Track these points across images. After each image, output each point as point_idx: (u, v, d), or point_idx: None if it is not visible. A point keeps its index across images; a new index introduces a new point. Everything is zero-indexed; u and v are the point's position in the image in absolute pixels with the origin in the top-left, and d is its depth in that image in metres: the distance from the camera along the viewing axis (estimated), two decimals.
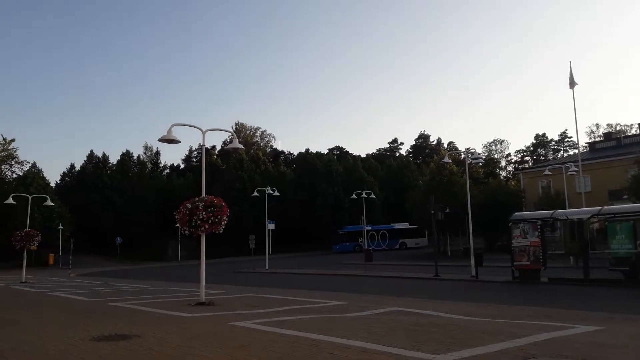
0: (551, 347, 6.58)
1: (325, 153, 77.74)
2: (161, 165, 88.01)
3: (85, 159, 71.57)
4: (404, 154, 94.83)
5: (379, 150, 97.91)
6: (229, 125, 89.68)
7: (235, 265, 41.09)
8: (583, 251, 19.16)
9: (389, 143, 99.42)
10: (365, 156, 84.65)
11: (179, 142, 13.55)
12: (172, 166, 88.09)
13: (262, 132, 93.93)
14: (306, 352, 6.40)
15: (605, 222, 19.44)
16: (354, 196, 38.60)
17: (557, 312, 10.87)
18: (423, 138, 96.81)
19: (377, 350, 6.46)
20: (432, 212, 24.38)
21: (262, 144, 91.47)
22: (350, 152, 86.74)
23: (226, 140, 78.30)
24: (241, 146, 15.19)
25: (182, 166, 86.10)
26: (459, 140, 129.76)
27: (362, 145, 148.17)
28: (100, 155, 70.56)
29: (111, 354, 6.57)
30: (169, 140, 13.33)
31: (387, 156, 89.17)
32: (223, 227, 12.91)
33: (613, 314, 10.55)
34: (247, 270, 34.06)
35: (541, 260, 19.34)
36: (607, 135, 58.77)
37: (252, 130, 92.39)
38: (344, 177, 65.41)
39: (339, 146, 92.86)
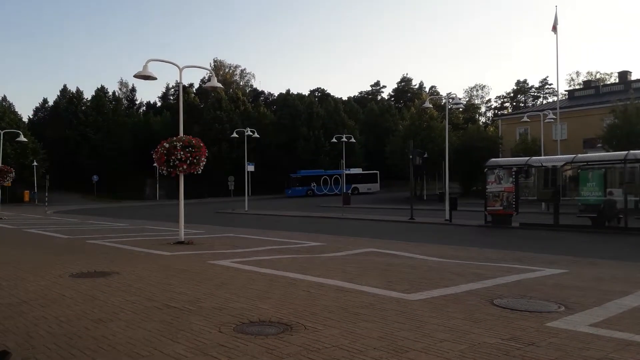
0: (518, 288, 6.91)
1: (307, 95, 76.72)
2: (137, 102, 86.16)
3: (59, 94, 69.51)
4: (386, 98, 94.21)
5: (360, 93, 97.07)
6: (208, 63, 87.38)
7: (215, 206, 41.31)
8: (554, 198, 19.73)
9: (371, 86, 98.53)
10: (347, 99, 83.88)
11: (155, 78, 13.20)
12: (148, 104, 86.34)
13: (242, 71, 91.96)
14: (283, 290, 6.60)
15: (578, 169, 19.94)
16: (334, 140, 38.54)
17: (526, 255, 11.32)
18: (405, 82, 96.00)
19: (351, 289, 6.70)
20: (411, 157, 24.62)
21: (241, 83, 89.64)
22: (331, 94, 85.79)
23: (204, 78, 76.58)
24: (220, 85, 14.88)
25: (159, 104, 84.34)
26: (441, 84, 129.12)
27: (344, 88, 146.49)
28: (74, 90, 68.44)
29: (91, 289, 6.67)
30: (145, 76, 12.96)
31: (368, 99, 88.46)
32: (202, 168, 12.86)
33: (578, 258, 11.03)
34: (227, 211, 34.31)
35: (514, 206, 19.89)
36: (587, 84, 59.01)
37: (232, 68, 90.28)
38: (325, 119, 64.97)
39: (320, 88, 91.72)
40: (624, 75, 50.08)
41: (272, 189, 60.22)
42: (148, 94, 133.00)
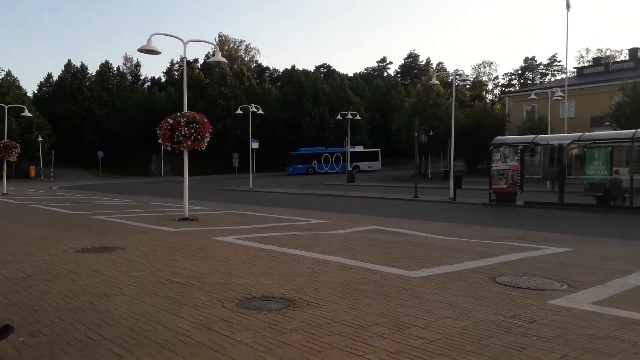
0: (521, 266, 6.91)
1: (312, 71, 75.98)
2: (142, 77, 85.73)
3: (63, 68, 69.09)
4: (392, 74, 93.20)
5: (367, 69, 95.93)
6: (212, 38, 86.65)
7: (219, 183, 41.41)
8: (560, 176, 19.61)
9: (378, 62, 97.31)
10: (352, 75, 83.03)
11: (159, 53, 13.10)
12: (153, 79, 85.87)
13: (247, 46, 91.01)
14: (286, 266, 6.63)
15: (584, 148, 19.77)
16: (339, 117, 38.31)
17: (530, 234, 11.31)
18: (412, 58, 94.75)
19: (354, 266, 6.72)
20: (416, 134, 24.45)
21: (246, 59, 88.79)
22: (337, 70, 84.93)
23: (209, 53, 75.90)
24: (224, 60, 14.74)
25: (163, 79, 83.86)
26: (449, 61, 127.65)
27: (350, 64, 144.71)
28: (78, 65, 68.08)
29: (95, 264, 6.73)
30: (148, 50, 12.85)
31: (375, 76, 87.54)
32: (206, 144, 12.83)
33: (583, 236, 11.01)
34: (231, 188, 34.39)
35: (518, 184, 19.81)
36: (596, 61, 58.03)
37: (236, 43, 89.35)
38: (330, 96, 64.49)
39: (326, 64, 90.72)
40: (634, 52, 49.17)
41: (276, 166, 60.20)
42: (152, 69, 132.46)
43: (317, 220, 13.67)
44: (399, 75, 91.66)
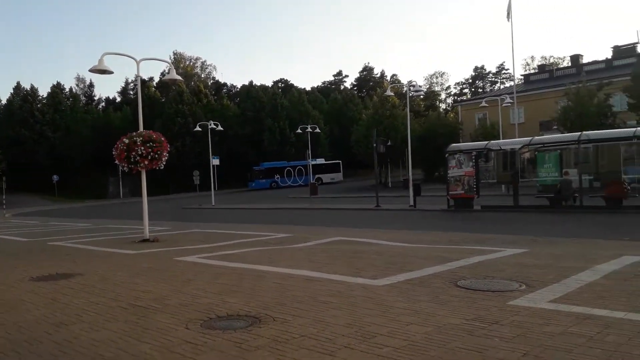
0: (481, 269, 7.10)
1: (270, 86, 76.11)
2: (96, 98, 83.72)
3: (12, 91, 66.68)
4: (349, 87, 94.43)
5: (324, 83, 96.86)
6: (167, 55, 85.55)
7: (180, 202, 40.71)
8: (513, 179, 20.31)
9: (334, 76, 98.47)
10: (310, 89, 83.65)
11: (111, 72, 12.86)
12: (107, 99, 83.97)
13: (203, 63, 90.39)
14: (251, 283, 6.58)
15: (535, 152, 20.56)
16: (299, 130, 38.49)
17: (488, 237, 11.63)
18: (367, 70, 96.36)
19: (319, 278, 6.74)
20: (375, 145, 24.83)
21: (202, 76, 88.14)
22: (295, 85, 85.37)
23: (164, 71, 74.95)
24: (179, 77, 14.62)
25: (118, 99, 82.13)
26: (402, 73, 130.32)
27: (308, 78, 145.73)
28: (28, 87, 65.81)
29: (52, 292, 6.48)
30: (101, 70, 12.60)
31: (332, 89, 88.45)
32: (164, 163, 12.63)
33: (537, 237, 11.41)
34: (193, 207, 33.86)
35: (475, 189, 20.36)
36: (541, 68, 60.67)
37: (192, 60, 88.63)
38: (289, 110, 64.67)
39: (283, 78, 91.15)
40: (575, 58, 51.70)
41: (238, 183, 59.72)
42: (107, 89, 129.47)
43: (282, 234, 13.63)
44: (355, 88, 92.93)
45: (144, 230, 12.99)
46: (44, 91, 67.05)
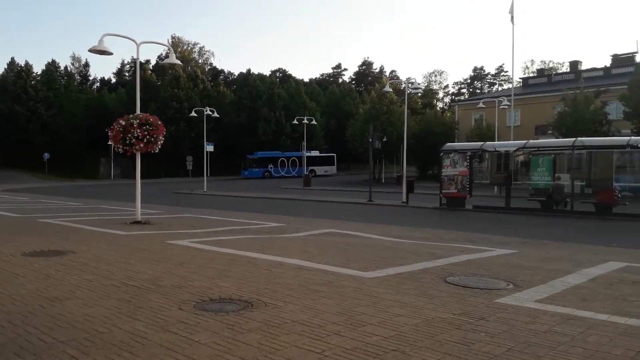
0: (470, 267, 7.21)
1: (268, 75, 75.88)
2: (91, 78, 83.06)
3: (6, 66, 65.97)
4: (347, 81, 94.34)
5: (322, 75, 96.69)
6: (165, 39, 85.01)
7: (173, 186, 40.63)
8: (506, 181, 20.48)
9: (333, 68, 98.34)
10: (308, 80, 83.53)
11: (111, 53, 12.81)
12: (102, 80, 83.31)
13: (201, 48, 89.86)
14: (243, 269, 6.65)
15: (529, 155, 20.72)
16: (295, 122, 38.50)
17: (478, 236, 11.76)
18: (366, 65, 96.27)
19: (310, 267, 6.83)
20: (370, 140, 24.90)
21: (200, 61, 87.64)
22: (293, 75, 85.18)
23: (162, 54, 74.49)
24: (178, 62, 14.57)
25: (113, 80, 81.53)
26: (401, 69, 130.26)
27: (306, 69, 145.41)
28: (22, 63, 65.11)
29: (45, 268, 6.52)
30: (100, 51, 12.55)
31: (330, 82, 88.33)
32: (159, 146, 12.63)
33: (527, 239, 11.56)
34: (185, 192, 33.82)
35: (467, 189, 20.51)
36: (540, 72, 60.92)
37: (190, 45, 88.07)
38: (286, 101, 64.54)
39: (281, 68, 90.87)
40: (574, 64, 51.95)
41: (231, 170, 59.63)
42: (102, 69, 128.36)
43: (274, 223, 13.69)
44: (353, 82, 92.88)
45: (135, 212, 13.00)
46: (38, 68, 66.23)
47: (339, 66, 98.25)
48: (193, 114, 36.86)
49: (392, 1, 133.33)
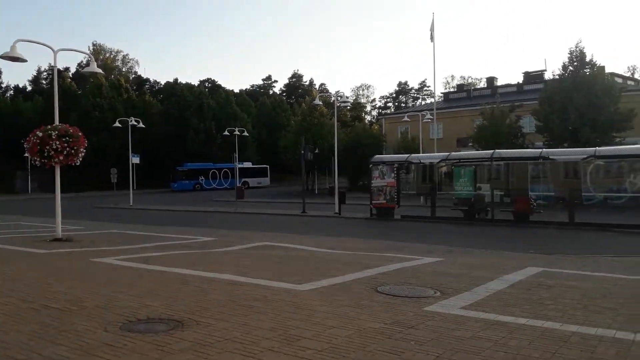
0: (399, 276, 7.43)
1: (196, 85, 74.43)
2: (3, 85, 77.60)
3: None
4: (278, 92, 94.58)
5: (252, 86, 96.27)
6: (86, 46, 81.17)
7: (96, 200, 38.67)
8: (431, 192, 21.33)
9: (263, 80, 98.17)
10: (238, 91, 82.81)
11: (25, 60, 12.04)
12: (17, 88, 78.07)
13: (124, 57, 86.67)
14: (173, 286, 6.45)
15: (452, 166, 21.74)
16: (226, 132, 37.99)
17: (407, 245, 12.16)
18: (296, 77, 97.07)
19: (244, 282, 6.75)
20: (303, 152, 25.09)
21: (124, 70, 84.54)
22: (223, 85, 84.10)
23: (82, 62, 71.15)
24: (99, 70, 14.02)
25: (29, 88, 76.65)
26: (330, 82, 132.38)
27: (236, 80, 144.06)
28: None
29: None
30: (13, 58, 11.79)
31: (260, 93, 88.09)
32: (80, 159, 12.04)
33: (452, 247, 12.09)
34: (109, 206, 32.30)
35: (396, 200, 21.16)
36: (460, 87, 64.38)
37: (113, 53, 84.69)
38: (216, 111, 63.53)
39: (210, 78, 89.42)
40: (491, 80, 55.31)
41: (160, 183, 57.65)
42: (16, 76, 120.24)
43: (206, 238, 13.40)
44: (284, 94, 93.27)
45: (56, 228, 12.26)
46: None
47: (269, 78, 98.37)
48: (117, 124, 35.36)
49: (320, 14, 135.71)
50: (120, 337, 4.28)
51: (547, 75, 42.34)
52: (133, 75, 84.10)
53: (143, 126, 36.20)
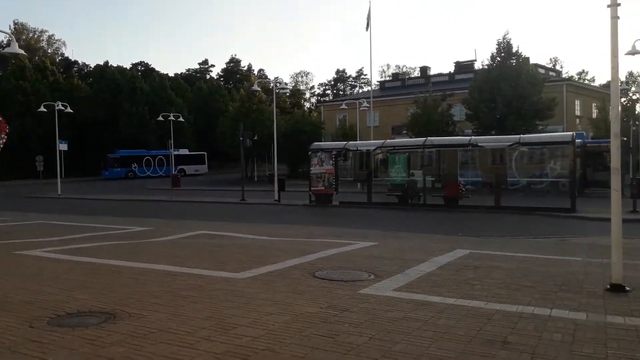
0: (336, 260, 7.60)
1: (128, 68, 71.38)
2: None
3: None
4: (215, 77, 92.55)
5: (188, 70, 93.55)
6: (6, 25, 75.58)
7: (20, 189, 36.43)
8: (368, 178, 21.81)
9: (199, 64, 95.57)
10: (173, 75, 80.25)
11: None
12: None
13: (50, 37, 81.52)
14: (105, 278, 6.27)
15: (387, 153, 22.30)
16: (160, 118, 36.81)
17: (344, 231, 12.41)
18: (234, 62, 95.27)
19: (180, 272, 6.66)
20: (242, 139, 24.81)
21: (49, 51, 79.58)
22: (156, 69, 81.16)
23: (2, 42, 66.26)
24: (21, 51, 13.15)
25: None
26: (269, 68, 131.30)
27: (170, 64, 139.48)
28: None
29: None
30: None
31: (197, 78, 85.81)
32: (1, 145, 11.33)
33: (386, 231, 12.47)
34: (35, 196, 30.57)
35: (334, 186, 21.47)
36: (395, 76, 65.73)
37: (37, 33, 79.45)
38: (150, 96, 61.26)
39: (143, 62, 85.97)
40: (424, 70, 56.87)
41: (90, 171, 55.04)
42: None
43: (140, 227, 13.03)
44: (221, 79, 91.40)
45: None
46: None
47: (205, 62, 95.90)
48: (42, 109, 33.35)
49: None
50: (48, 333, 4.13)
51: (477, 65, 43.97)
52: (60, 58, 79.35)
53: (71, 111, 34.38)
